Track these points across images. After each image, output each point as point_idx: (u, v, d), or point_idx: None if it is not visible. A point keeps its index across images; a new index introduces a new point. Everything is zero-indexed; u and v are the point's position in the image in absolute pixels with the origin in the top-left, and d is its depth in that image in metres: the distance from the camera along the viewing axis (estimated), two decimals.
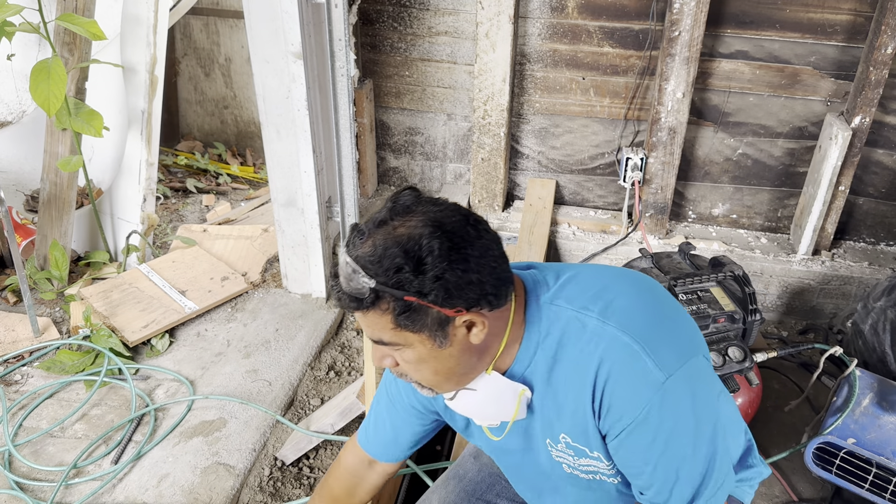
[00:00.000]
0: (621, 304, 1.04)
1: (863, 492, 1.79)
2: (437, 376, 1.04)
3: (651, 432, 1.00)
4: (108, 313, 2.39)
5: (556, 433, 1.11)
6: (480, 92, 2.83)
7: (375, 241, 0.94)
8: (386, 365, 1.06)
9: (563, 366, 1.05)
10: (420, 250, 0.93)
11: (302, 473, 2.03)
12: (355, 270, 0.93)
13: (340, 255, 0.97)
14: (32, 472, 1.90)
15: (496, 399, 1.09)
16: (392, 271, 0.92)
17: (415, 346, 0.99)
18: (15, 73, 2.89)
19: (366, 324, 0.99)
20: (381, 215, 0.97)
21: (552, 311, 1.06)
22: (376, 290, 0.93)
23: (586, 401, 1.03)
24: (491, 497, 1.36)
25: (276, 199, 2.52)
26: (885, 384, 1.89)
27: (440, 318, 0.96)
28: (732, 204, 2.99)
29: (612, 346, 1.00)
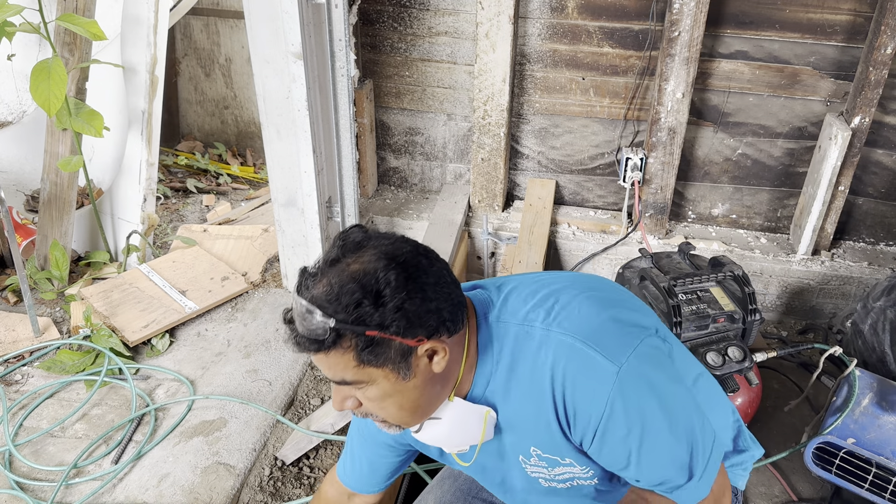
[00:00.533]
0: (561, 307, 1.05)
1: (862, 492, 1.80)
2: (403, 411, 1.03)
3: (623, 424, 1.00)
4: (108, 313, 2.39)
5: (526, 448, 1.12)
6: (480, 92, 2.84)
7: (330, 281, 0.94)
8: (347, 407, 1.05)
9: (518, 380, 1.05)
10: (377, 283, 0.93)
11: (302, 473, 2.03)
12: (311, 311, 0.92)
13: (294, 299, 0.96)
14: (33, 471, 1.90)
15: (462, 424, 1.09)
16: (352, 307, 0.92)
17: (378, 381, 0.98)
18: (15, 73, 2.89)
19: (327, 365, 0.98)
20: (331, 255, 0.97)
21: (500, 328, 1.07)
22: (337, 329, 0.92)
23: (548, 411, 1.03)
24: (486, 495, 1.37)
25: (277, 199, 2.52)
26: (885, 384, 1.89)
27: (402, 349, 0.96)
28: (732, 204, 2.99)
29: (560, 350, 1.00)
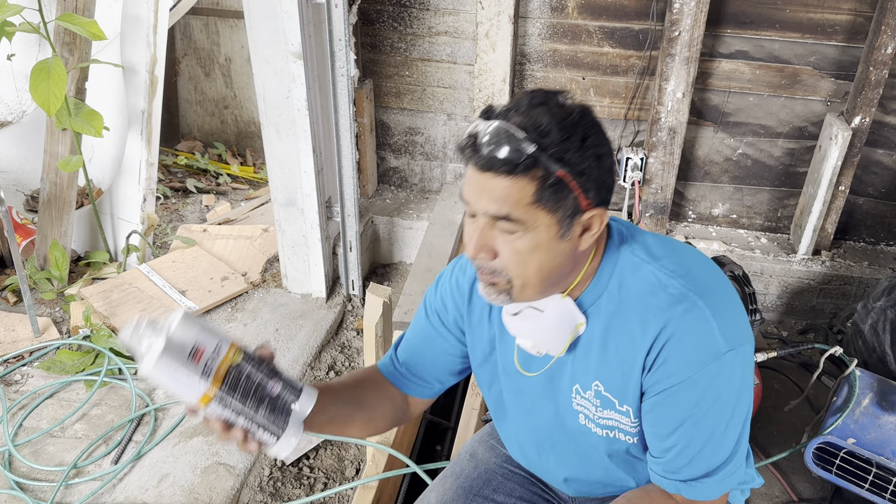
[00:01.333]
0: (699, 274, 1.05)
1: (863, 492, 1.79)
2: (539, 274, 1.00)
3: (696, 396, 1.01)
4: (108, 313, 2.39)
5: (589, 379, 1.10)
6: (480, 92, 2.83)
7: (537, 114, 0.93)
8: (480, 258, 1.00)
9: (627, 316, 1.04)
10: (585, 128, 0.94)
11: (302, 473, 2.03)
12: (513, 133, 0.91)
13: (482, 125, 0.94)
14: (32, 472, 1.90)
15: (557, 326, 1.07)
16: (557, 141, 0.92)
17: (539, 230, 0.96)
18: (15, 73, 2.89)
19: (500, 195, 0.94)
20: (534, 98, 0.96)
21: (633, 260, 1.06)
22: (535, 156, 0.91)
23: (640, 353, 1.03)
24: (488, 492, 1.36)
25: (276, 199, 2.52)
26: (885, 384, 1.89)
27: (574, 206, 0.96)
28: (732, 204, 2.99)
29: (688, 307, 1.00)
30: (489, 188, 0.95)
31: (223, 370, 0.95)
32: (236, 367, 0.96)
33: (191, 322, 0.95)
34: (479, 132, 0.94)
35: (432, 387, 1.31)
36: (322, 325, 2.52)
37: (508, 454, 1.41)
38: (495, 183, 0.94)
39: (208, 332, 0.96)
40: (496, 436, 1.46)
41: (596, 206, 0.98)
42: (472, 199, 0.98)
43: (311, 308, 2.60)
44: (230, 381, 0.95)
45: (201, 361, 0.93)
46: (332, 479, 2.02)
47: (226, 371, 0.95)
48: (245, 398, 0.97)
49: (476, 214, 0.99)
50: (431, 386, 1.31)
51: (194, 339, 0.94)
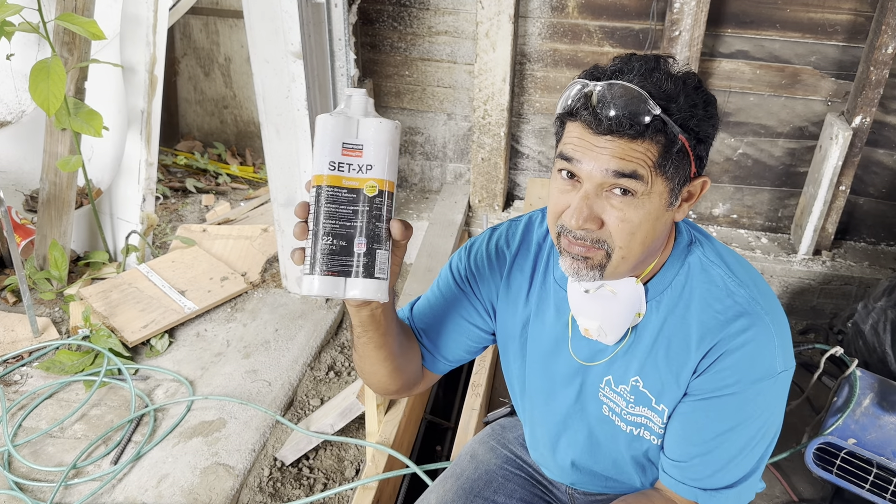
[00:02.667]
0: (764, 290, 1.04)
1: (863, 492, 1.79)
2: (643, 245, 0.96)
3: (741, 410, 1.00)
4: (107, 313, 2.39)
5: (628, 374, 1.08)
6: (480, 92, 2.83)
7: (657, 77, 0.90)
8: (587, 226, 0.93)
9: (688, 315, 1.02)
10: (705, 95, 0.93)
11: (301, 474, 2.03)
12: (639, 95, 0.88)
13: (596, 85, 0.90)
14: (32, 472, 1.90)
15: (625, 312, 1.04)
16: (686, 106, 0.89)
17: (653, 197, 0.92)
18: (14, 72, 2.89)
19: (621, 155, 0.89)
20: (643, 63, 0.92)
21: (702, 260, 1.04)
22: (663, 120, 0.88)
23: (694, 356, 1.01)
24: (488, 494, 1.36)
25: (276, 198, 2.51)
26: (886, 384, 1.89)
27: (687, 172, 0.94)
28: (733, 204, 2.98)
29: (755, 320, 0.99)
30: (608, 149, 0.89)
31: (350, 183, 0.88)
32: (362, 194, 0.88)
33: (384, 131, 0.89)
34: (593, 91, 0.90)
35: (437, 360, 1.23)
36: (322, 325, 2.52)
37: (509, 455, 1.41)
38: (615, 145, 0.89)
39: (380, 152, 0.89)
40: (497, 437, 1.46)
41: (699, 175, 0.97)
42: (584, 160, 0.91)
43: (311, 308, 2.60)
44: (341, 194, 0.88)
45: (346, 158, 0.88)
46: (331, 479, 2.02)
47: (351, 186, 0.88)
48: (331, 218, 0.88)
49: (582, 179, 0.93)
50: (436, 359, 1.23)
51: (367, 142, 0.88)
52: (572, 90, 0.93)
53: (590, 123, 0.90)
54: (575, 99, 0.92)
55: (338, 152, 0.88)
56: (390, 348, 1.09)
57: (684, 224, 1.09)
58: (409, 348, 1.18)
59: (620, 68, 0.93)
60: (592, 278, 0.98)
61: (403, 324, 1.20)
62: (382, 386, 1.19)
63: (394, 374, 1.15)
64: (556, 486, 1.38)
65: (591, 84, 0.91)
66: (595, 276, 0.98)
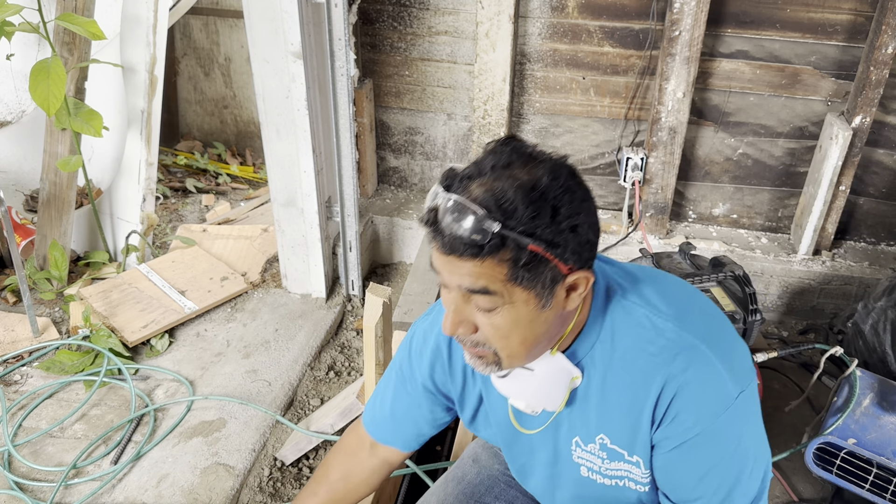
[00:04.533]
0: (694, 313, 1.01)
1: (863, 492, 1.79)
2: (523, 345, 0.94)
3: (716, 446, 0.97)
4: (107, 313, 2.39)
5: (592, 433, 1.06)
6: (480, 92, 2.83)
7: (501, 185, 0.85)
8: (460, 334, 0.94)
9: (625, 365, 0.99)
10: (555, 199, 0.86)
11: (302, 474, 2.03)
12: (473, 211, 0.83)
13: (442, 197, 0.86)
14: (32, 472, 1.90)
15: (551, 382, 1.02)
16: (527, 217, 0.84)
17: (517, 305, 0.90)
18: (14, 72, 2.89)
19: (471, 273, 0.87)
20: (499, 160, 0.88)
21: (623, 304, 1.01)
22: (502, 235, 0.84)
23: (646, 406, 0.98)
24: (489, 499, 1.35)
25: (276, 198, 2.51)
26: (886, 384, 1.89)
27: (554, 274, 0.89)
28: (733, 204, 2.98)
29: (691, 354, 0.96)
30: (458, 267, 0.88)
31: None
32: None
33: None
34: (438, 208, 0.87)
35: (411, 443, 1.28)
36: (322, 325, 2.52)
37: None
38: (462, 264, 0.87)
39: None
40: None
41: (579, 269, 0.92)
42: (443, 273, 0.91)
43: (311, 308, 2.60)
44: None
45: None
46: None
47: None
48: None
49: (449, 286, 0.93)
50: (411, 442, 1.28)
51: None
52: (428, 198, 0.90)
53: (438, 245, 0.88)
54: (427, 213, 0.89)
55: None
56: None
57: (599, 267, 1.04)
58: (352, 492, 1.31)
59: (473, 171, 0.88)
60: (493, 371, 0.99)
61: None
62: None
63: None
64: None
65: (440, 195, 0.87)
66: (494, 370, 0.99)
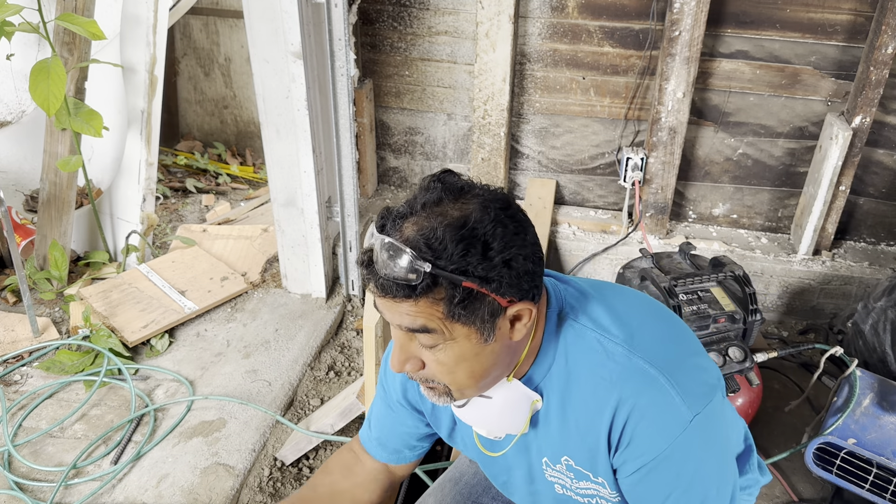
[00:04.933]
0: (646, 334, 1.00)
1: (863, 492, 1.79)
2: (472, 378, 0.95)
3: (675, 470, 0.96)
4: (107, 313, 2.39)
5: (556, 454, 1.07)
6: (480, 92, 2.83)
7: (431, 224, 0.86)
8: (407, 370, 0.96)
9: (580, 389, 0.99)
10: (486, 234, 0.86)
11: (302, 474, 2.03)
12: (403, 252, 0.84)
13: (377, 239, 0.87)
14: (32, 472, 1.90)
15: (511, 409, 1.02)
16: (457, 255, 0.84)
17: (459, 341, 0.90)
18: (14, 72, 2.89)
19: (408, 313, 0.88)
20: (429, 197, 0.89)
21: (575, 328, 1.00)
22: (434, 275, 0.84)
23: (601, 430, 0.98)
24: (486, 500, 1.35)
25: (276, 199, 2.51)
26: (886, 384, 1.89)
27: (493, 308, 0.89)
28: (733, 204, 2.98)
29: (640, 379, 0.95)
30: (395, 307, 0.88)
31: None
32: None
33: None
34: (373, 248, 0.87)
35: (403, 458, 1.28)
36: (322, 325, 2.52)
37: None
38: (399, 305, 0.88)
39: None
40: None
41: (520, 301, 0.91)
42: (384, 312, 0.92)
43: (311, 308, 2.60)
44: None
45: None
46: None
47: None
48: None
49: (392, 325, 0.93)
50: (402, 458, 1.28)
51: None
52: (366, 239, 0.91)
53: (374, 288, 0.88)
54: (362, 254, 0.90)
55: None
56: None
57: (552, 288, 1.03)
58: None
59: (403, 213, 0.89)
60: (447, 402, 0.99)
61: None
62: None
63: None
64: None
65: (375, 236, 0.88)
66: (448, 401, 0.99)
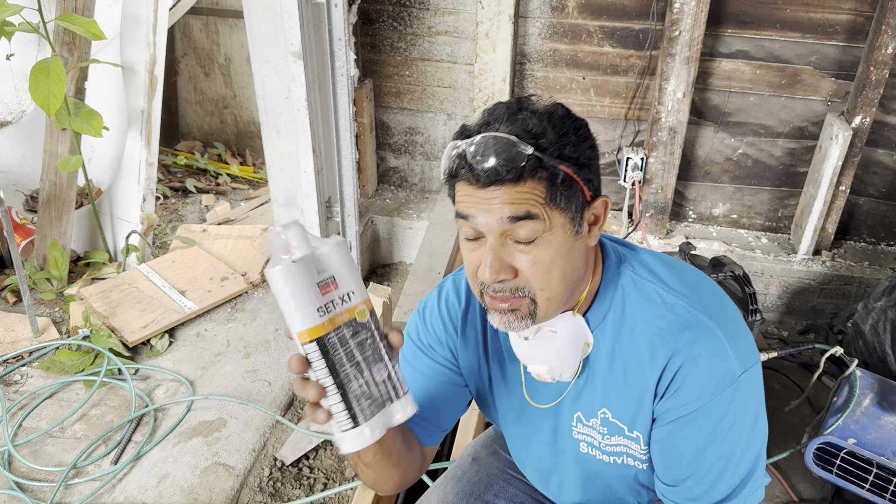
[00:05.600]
0: (704, 292, 1.03)
1: (863, 492, 1.79)
2: (563, 281, 0.96)
3: (713, 423, 0.99)
4: (107, 313, 2.39)
5: (595, 407, 1.08)
6: (480, 92, 2.83)
7: (521, 118, 0.92)
8: (502, 278, 0.94)
9: (633, 339, 1.02)
10: (575, 123, 0.94)
11: (302, 474, 2.03)
12: (506, 139, 0.89)
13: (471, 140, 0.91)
14: (32, 472, 1.90)
15: (571, 347, 1.04)
16: (555, 138, 0.91)
17: (555, 232, 0.93)
18: (14, 73, 2.89)
19: (510, 200, 0.90)
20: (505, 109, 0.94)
21: (634, 279, 1.04)
22: (538, 157, 0.89)
23: (651, 379, 1.01)
24: (489, 497, 1.35)
25: (276, 198, 2.51)
26: (886, 384, 1.89)
27: (582, 199, 0.95)
28: (733, 204, 2.98)
29: (698, 329, 0.98)
30: (496, 198, 0.91)
31: (343, 319, 0.84)
32: (358, 324, 0.85)
33: (340, 253, 0.85)
34: (466, 150, 0.91)
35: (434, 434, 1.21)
36: None
37: (511, 460, 1.41)
38: (501, 193, 0.90)
39: (350, 274, 0.85)
40: (499, 440, 1.45)
41: (595, 197, 0.98)
42: (479, 215, 0.93)
43: None
44: (343, 335, 0.83)
45: (327, 296, 0.83)
46: (331, 479, 2.02)
47: (346, 321, 0.84)
48: (348, 361, 0.84)
49: (482, 235, 0.94)
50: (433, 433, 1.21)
51: (334, 271, 0.84)
52: (449, 153, 0.94)
53: (471, 180, 0.91)
54: (453, 160, 0.93)
55: (318, 295, 0.82)
56: (401, 452, 1.08)
57: (610, 244, 1.08)
58: (411, 450, 1.15)
59: (487, 121, 0.94)
60: (526, 327, 0.99)
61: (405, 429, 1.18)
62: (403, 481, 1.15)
63: (409, 467, 1.13)
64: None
65: (462, 143, 0.92)
66: (527, 325, 0.99)
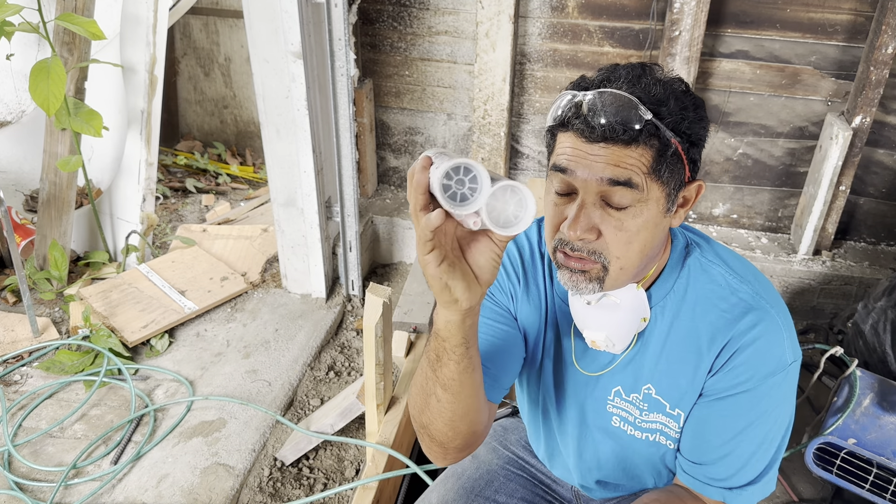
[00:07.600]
0: (766, 284, 1.05)
1: (863, 492, 1.79)
2: (641, 254, 0.95)
3: (755, 406, 1.01)
4: (107, 313, 2.39)
5: (639, 382, 1.08)
6: (480, 92, 2.83)
7: (644, 83, 0.90)
8: (585, 237, 0.91)
9: (694, 318, 1.03)
10: (694, 98, 0.93)
11: (301, 474, 2.02)
12: (631, 101, 0.87)
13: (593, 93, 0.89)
14: (32, 472, 1.90)
15: (630, 319, 1.03)
16: (676, 109, 0.90)
17: (650, 205, 0.91)
18: (14, 72, 2.89)
19: (616, 162, 0.88)
20: (627, 71, 0.92)
21: (701, 261, 1.05)
22: (654, 123, 0.88)
23: (706, 357, 1.02)
24: (489, 493, 1.36)
25: (276, 199, 2.51)
26: (886, 384, 1.89)
27: (681, 178, 0.94)
28: (733, 204, 2.98)
29: (760, 313, 1.00)
30: (603, 156, 0.88)
31: None
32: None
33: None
34: (583, 100, 0.89)
35: (496, 390, 1.12)
36: (322, 325, 2.52)
37: (511, 456, 1.41)
38: (610, 152, 0.88)
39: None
40: (498, 438, 1.46)
41: (692, 179, 0.97)
42: (578, 170, 0.90)
43: (311, 308, 2.60)
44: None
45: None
46: (331, 479, 2.02)
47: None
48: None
49: (574, 191, 0.92)
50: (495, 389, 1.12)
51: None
52: (562, 101, 0.92)
53: (582, 132, 0.89)
54: (565, 109, 0.91)
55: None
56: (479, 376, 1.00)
57: (679, 228, 1.09)
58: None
59: (608, 77, 0.93)
60: (592, 291, 0.96)
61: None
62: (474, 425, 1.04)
63: (481, 411, 1.04)
64: (561, 485, 1.37)
65: (580, 94, 0.91)
66: (594, 289, 0.96)
